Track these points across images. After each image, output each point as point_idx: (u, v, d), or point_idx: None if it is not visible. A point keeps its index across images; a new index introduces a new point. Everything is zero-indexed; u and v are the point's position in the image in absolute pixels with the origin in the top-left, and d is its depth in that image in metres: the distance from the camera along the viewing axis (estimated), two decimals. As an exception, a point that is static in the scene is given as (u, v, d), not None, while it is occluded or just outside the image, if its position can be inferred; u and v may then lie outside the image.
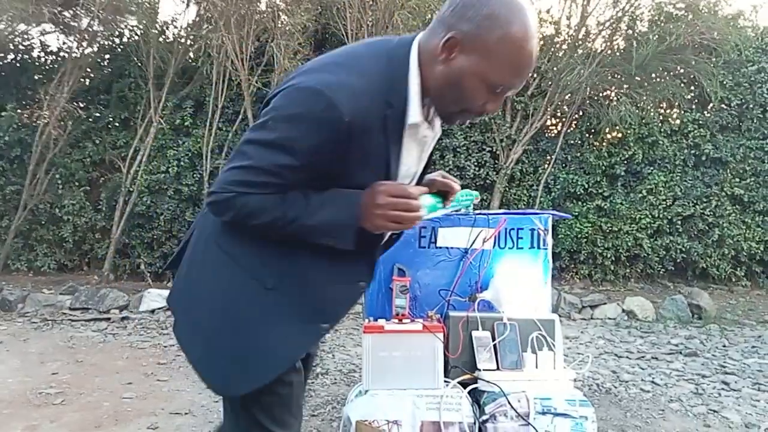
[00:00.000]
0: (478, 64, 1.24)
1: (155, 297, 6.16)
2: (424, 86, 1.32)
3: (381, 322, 2.40)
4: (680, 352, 4.80)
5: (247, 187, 1.28)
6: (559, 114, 7.65)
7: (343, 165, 1.30)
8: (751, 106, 7.41)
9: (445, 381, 2.34)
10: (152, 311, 6.02)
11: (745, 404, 3.57)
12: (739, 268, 7.46)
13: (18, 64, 7.78)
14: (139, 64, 7.31)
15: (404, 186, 1.36)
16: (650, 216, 7.24)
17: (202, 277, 1.42)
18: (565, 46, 7.36)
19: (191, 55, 7.52)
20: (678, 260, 7.38)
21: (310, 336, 1.46)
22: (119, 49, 7.67)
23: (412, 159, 1.43)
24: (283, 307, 1.36)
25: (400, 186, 1.35)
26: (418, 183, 1.55)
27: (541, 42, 7.72)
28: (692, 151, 7.43)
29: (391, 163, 1.36)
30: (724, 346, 5.06)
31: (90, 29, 7.21)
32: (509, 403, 2.25)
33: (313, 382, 3.88)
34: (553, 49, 7.38)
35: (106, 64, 7.78)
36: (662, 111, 7.68)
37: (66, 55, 7.50)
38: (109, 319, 5.73)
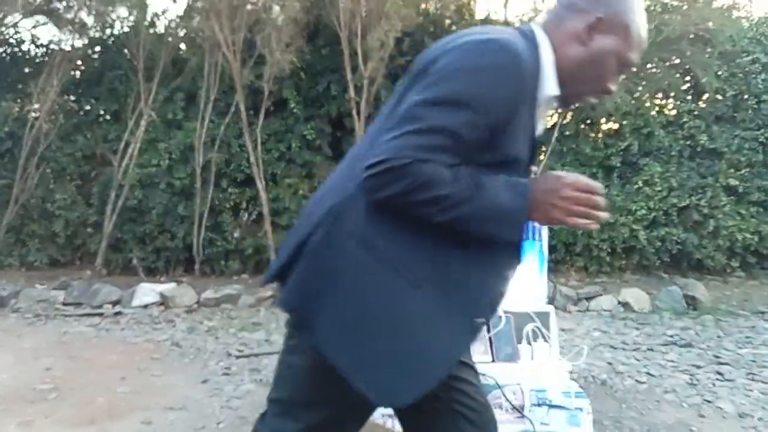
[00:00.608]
0: (617, 43, 1.32)
1: (148, 292, 6.14)
2: (557, 67, 1.33)
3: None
4: (675, 343, 4.80)
5: (427, 151, 1.18)
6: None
7: (507, 128, 1.25)
8: (745, 96, 7.40)
9: (440, 374, 2.32)
10: (145, 306, 5.99)
11: (739, 394, 3.57)
12: (733, 259, 7.47)
13: (8, 57, 7.71)
14: (129, 57, 7.25)
15: (589, 180, 1.29)
16: (646, 207, 7.22)
17: (345, 281, 1.27)
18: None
19: (182, 47, 7.45)
20: (673, 251, 7.38)
21: (466, 333, 1.34)
22: (110, 41, 7.60)
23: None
24: (434, 304, 1.26)
25: (586, 179, 1.28)
26: None
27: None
28: (688, 142, 7.42)
29: (534, 138, 1.34)
30: (719, 336, 5.07)
31: (79, 20, 7.14)
32: (504, 395, 2.23)
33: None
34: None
35: (96, 56, 7.71)
36: (658, 102, 7.67)
37: (56, 47, 7.44)
38: (102, 314, 5.70)
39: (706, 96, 7.53)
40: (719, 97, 7.45)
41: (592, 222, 1.27)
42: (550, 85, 1.33)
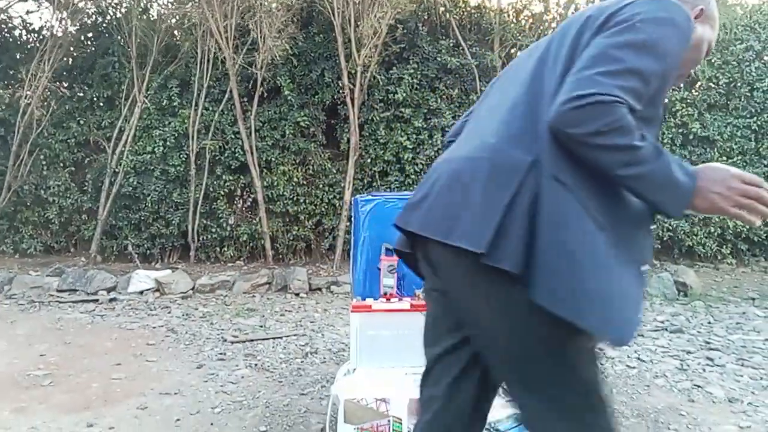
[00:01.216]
0: (709, 32, 1.48)
1: (143, 278, 6.14)
2: None
3: (369, 301, 2.40)
4: (666, 329, 4.84)
5: (626, 93, 1.17)
6: (547, 93, 7.62)
7: (666, 85, 1.31)
8: (738, 84, 7.42)
9: (432, 359, 2.34)
10: (140, 292, 6.00)
11: (729, 379, 3.61)
12: (724, 246, 7.53)
13: (-1, 43, 7.65)
14: (123, 43, 7.20)
15: (754, 175, 1.27)
16: (638, 194, 7.25)
17: (551, 224, 1.22)
18: (554, 24, 7.32)
19: (175, 33, 7.40)
20: (665, 238, 7.44)
21: (640, 280, 1.32)
22: (102, 27, 7.54)
23: None
24: (615, 248, 1.24)
25: (753, 175, 1.26)
26: None
27: (530, 20, 7.67)
28: (680, 130, 7.44)
29: (666, 104, 1.45)
30: (709, 322, 5.11)
31: (72, 4, 7.08)
32: (496, 380, 2.26)
33: (302, 362, 3.90)
34: (542, 28, 7.34)
35: (89, 42, 7.66)
36: (650, 89, 7.67)
37: (48, 33, 7.38)
38: (97, 300, 5.70)
39: (698, 84, 7.54)
40: (712, 84, 7.47)
41: (757, 216, 1.26)
42: None
